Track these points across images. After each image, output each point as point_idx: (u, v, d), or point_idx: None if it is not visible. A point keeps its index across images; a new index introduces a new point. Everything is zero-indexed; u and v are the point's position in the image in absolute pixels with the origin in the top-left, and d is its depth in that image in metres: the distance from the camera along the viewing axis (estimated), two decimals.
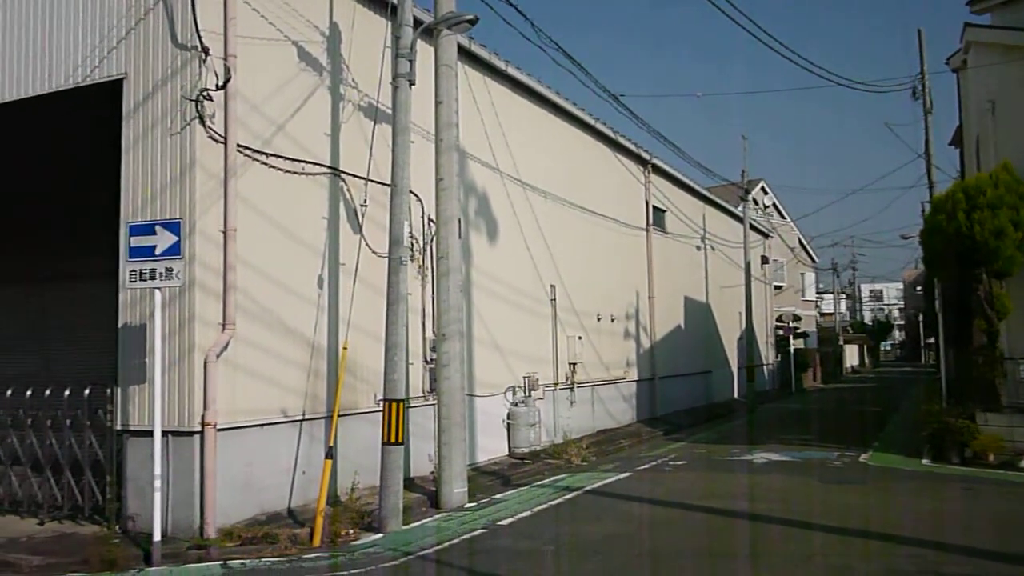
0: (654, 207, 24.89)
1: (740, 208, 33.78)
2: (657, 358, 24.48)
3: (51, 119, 12.94)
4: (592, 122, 20.64)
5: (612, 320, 21.57)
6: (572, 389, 18.97)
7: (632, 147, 23.18)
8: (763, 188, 48.45)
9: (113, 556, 8.70)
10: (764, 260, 40.85)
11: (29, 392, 10.83)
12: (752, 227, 35.12)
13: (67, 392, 10.43)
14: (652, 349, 24.28)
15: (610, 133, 21.64)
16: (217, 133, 10.02)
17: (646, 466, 15.49)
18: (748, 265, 32.09)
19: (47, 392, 10.66)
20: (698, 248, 29.78)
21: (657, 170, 25.22)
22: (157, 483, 8.88)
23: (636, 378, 23.10)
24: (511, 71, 16.79)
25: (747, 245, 32.39)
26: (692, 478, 14.19)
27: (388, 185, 11.23)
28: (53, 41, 10.86)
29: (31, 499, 10.71)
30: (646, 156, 24.17)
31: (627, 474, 14.45)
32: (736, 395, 33.72)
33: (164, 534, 9.01)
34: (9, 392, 10.94)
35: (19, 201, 16.61)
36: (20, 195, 16.62)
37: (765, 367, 39.49)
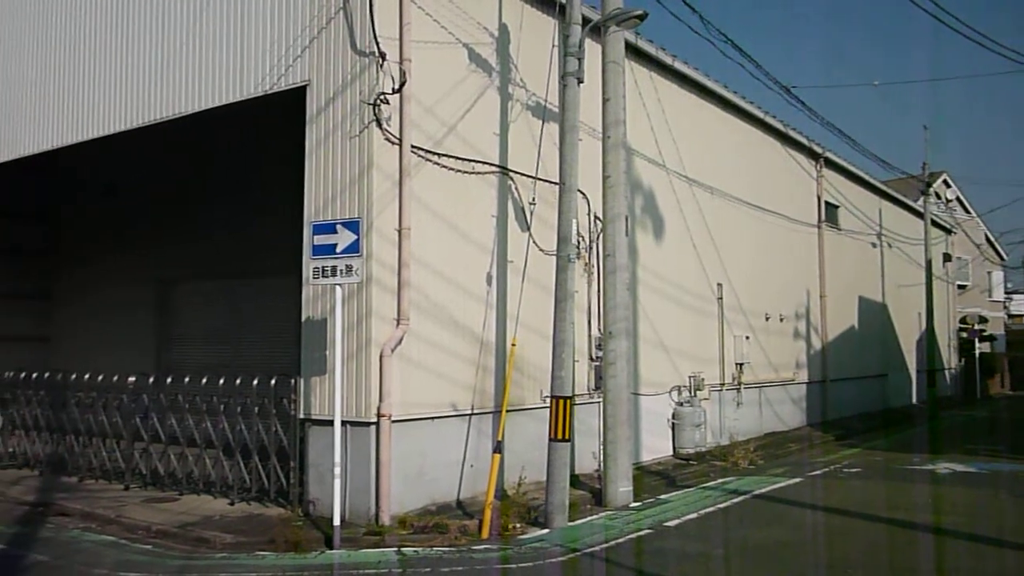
0: (826, 202, 23.89)
1: (920, 202, 31.93)
2: (829, 360, 23.49)
3: (240, 125, 13.82)
4: (761, 115, 20.04)
5: (781, 320, 20.87)
6: (739, 390, 18.49)
7: (803, 140, 22.34)
8: (945, 181, 45.51)
9: (297, 538, 9.19)
10: (946, 258, 38.45)
11: (222, 380, 11.62)
12: (933, 223, 33.08)
13: (255, 381, 11.13)
14: (823, 350, 23.32)
15: (780, 126, 20.95)
16: (393, 135, 10.39)
17: (818, 472, 14.90)
18: (929, 263, 30.27)
19: (238, 381, 11.39)
20: (874, 245, 28.33)
21: (830, 164, 24.19)
22: (336, 470, 9.31)
23: (806, 380, 22.25)
24: (678, 66, 16.54)
25: (928, 242, 30.56)
26: (868, 487, 13.54)
27: (556, 183, 11.30)
28: (244, 51, 11.56)
29: (223, 480, 11.47)
30: (818, 150, 23.23)
31: (798, 479, 13.95)
32: (914, 400, 31.89)
33: (342, 519, 9.40)
34: (204, 380, 11.76)
35: (213, 202, 17.87)
36: (214, 196, 17.87)
37: (947, 371, 37.16)
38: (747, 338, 18.65)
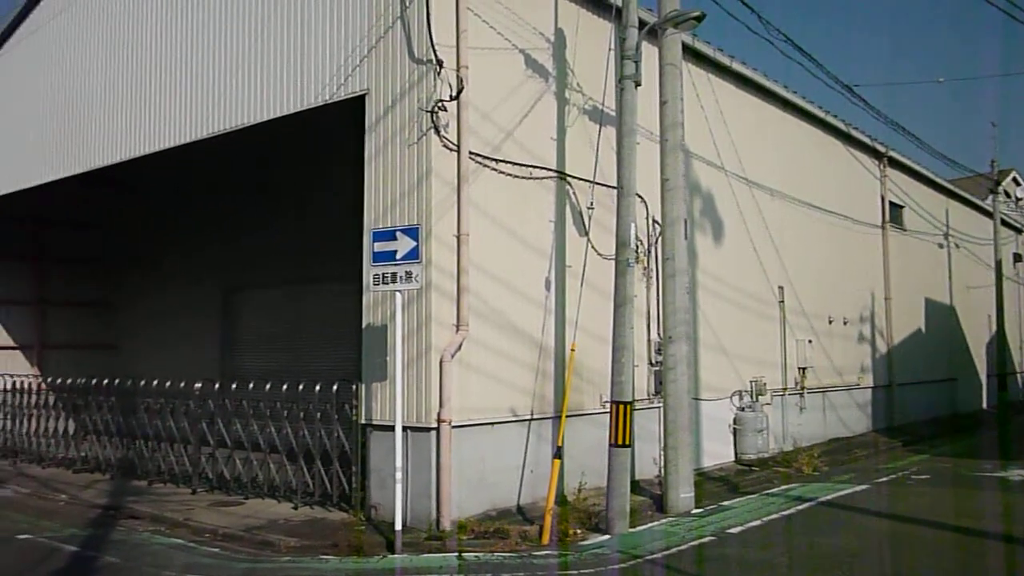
0: (891, 203, 23.36)
1: (988, 201, 31.03)
2: (894, 364, 22.95)
3: (301, 133, 14.04)
4: (822, 115, 19.70)
5: (845, 323, 20.46)
6: (802, 395, 18.17)
7: (866, 140, 21.89)
8: (1015, 179, 44.13)
9: (359, 542, 9.29)
10: (1017, 258, 37.29)
11: (285, 386, 11.81)
12: (1003, 222, 32.12)
13: (318, 387, 11.28)
14: (889, 354, 22.79)
15: (842, 126, 20.57)
16: (451, 142, 10.45)
17: (885, 479, 14.57)
18: (999, 264, 29.39)
19: (300, 387, 11.56)
20: (940, 246, 27.61)
21: (893, 163, 23.67)
22: (398, 475, 9.38)
23: (871, 385, 21.77)
24: (736, 66, 16.35)
25: (997, 242, 29.67)
26: (938, 494, 13.19)
27: (613, 187, 11.25)
28: (304, 62, 11.74)
29: (286, 485, 11.64)
30: (881, 149, 22.74)
31: (864, 486, 13.65)
32: (984, 405, 30.97)
33: (403, 524, 9.46)
34: (268, 386, 11.96)
35: (275, 209, 18.19)
36: (275, 203, 18.20)
37: (1018, 375, 36.02)
38: (810, 342, 18.31)
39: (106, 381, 14.46)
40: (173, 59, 13.90)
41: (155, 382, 13.47)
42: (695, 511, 11.34)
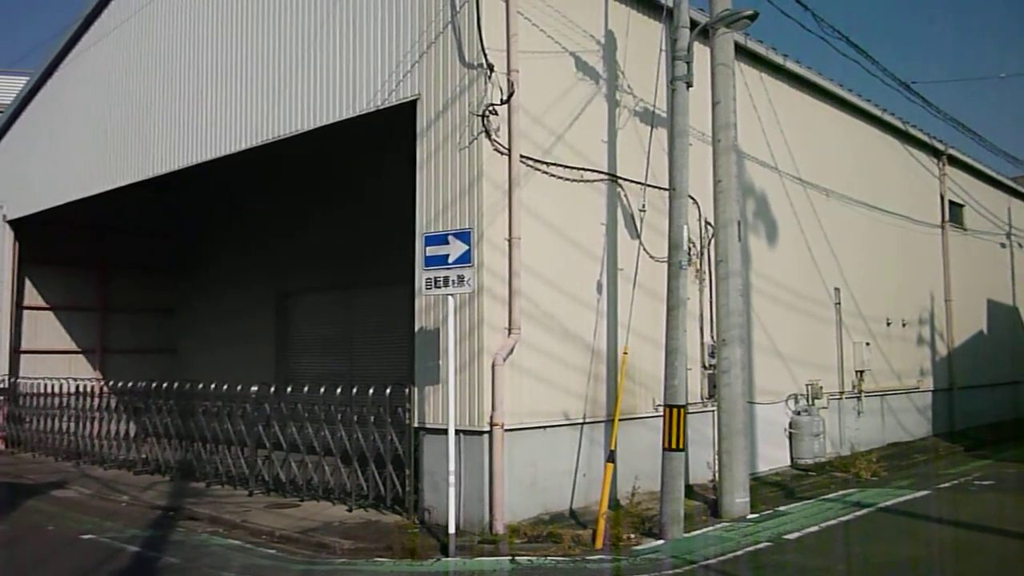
0: (950, 201, 22.84)
1: None
2: (955, 366, 22.39)
3: (353, 138, 14.19)
4: (879, 113, 19.33)
5: (903, 325, 20.03)
6: (859, 398, 17.84)
7: (924, 138, 21.42)
8: None
9: (413, 545, 9.34)
10: None
11: (339, 390, 11.93)
12: None
13: (371, 391, 11.37)
14: (949, 356, 22.25)
15: (899, 124, 20.15)
16: (501, 145, 10.46)
17: (946, 484, 14.21)
18: None
19: (354, 390, 11.66)
20: (1003, 245, 26.89)
21: (953, 161, 23.12)
22: (451, 479, 9.41)
23: (931, 388, 21.27)
24: (790, 65, 16.13)
25: None
26: (1003, 501, 12.84)
27: (665, 189, 11.17)
28: (356, 69, 11.86)
29: (341, 487, 11.76)
30: (940, 147, 22.23)
31: (925, 492, 13.34)
32: None
33: (456, 527, 9.48)
34: (322, 390, 12.10)
35: (328, 214, 18.43)
36: (328, 208, 18.43)
37: None
38: (867, 344, 17.97)
39: (165, 384, 14.76)
40: (230, 69, 14.15)
41: (212, 385, 13.71)
42: (750, 516, 11.19)
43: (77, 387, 17.08)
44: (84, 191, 17.72)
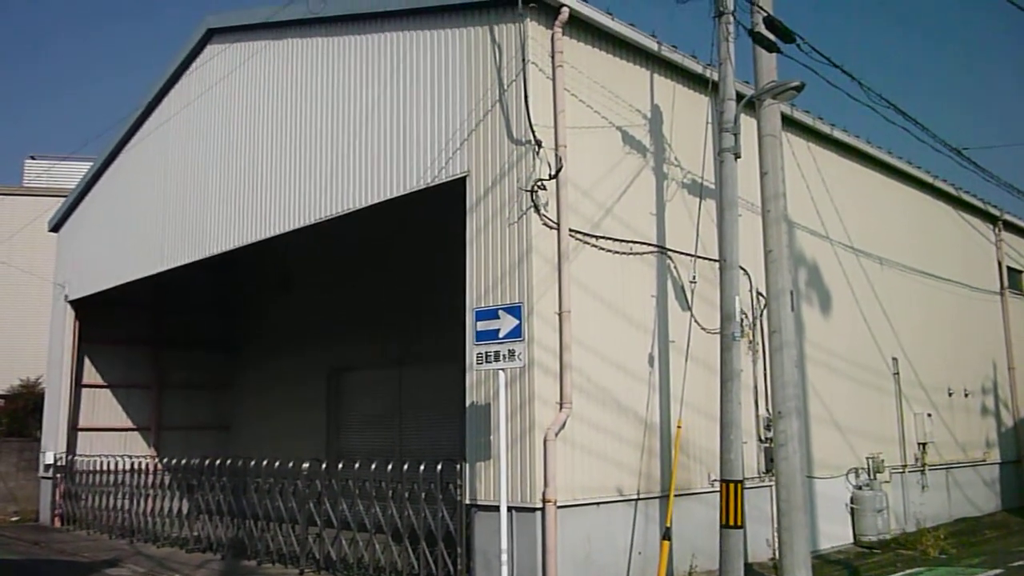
0: (1008, 267, 22.35)
1: None
2: (1023, 437, 21.61)
3: (403, 216, 14.39)
4: (930, 180, 19.12)
5: (966, 395, 19.44)
6: (923, 472, 17.24)
7: (978, 203, 21.09)
8: None
9: None
10: None
11: (390, 466, 11.88)
12: None
13: (422, 467, 11.29)
14: (1016, 427, 21.49)
15: (951, 190, 19.90)
16: (551, 220, 10.53)
17: (1020, 563, 13.57)
18: None
19: (405, 466, 11.59)
20: None
21: (1009, 226, 22.69)
22: (504, 557, 9.26)
23: (998, 460, 20.51)
24: (837, 134, 16.09)
25: None
26: None
27: (715, 260, 11.10)
28: (407, 147, 12.11)
29: (391, 566, 11.61)
30: (995, 212, 21.86)
31: (998, 571, 12.74)
32: None
33: None
34: (373, 466, 12.05)
35: (379, 290, 18.61)
36: (379, 285, 18.62)
37: None
38: (929, 415, 17.44)
39: (218, 461, 14.83)
40: (285, 150, 14.53)
41: (264, 462, 13.74)
42: None
43: (131, 464, 17.25)
44: (142, 272, 18.16)
